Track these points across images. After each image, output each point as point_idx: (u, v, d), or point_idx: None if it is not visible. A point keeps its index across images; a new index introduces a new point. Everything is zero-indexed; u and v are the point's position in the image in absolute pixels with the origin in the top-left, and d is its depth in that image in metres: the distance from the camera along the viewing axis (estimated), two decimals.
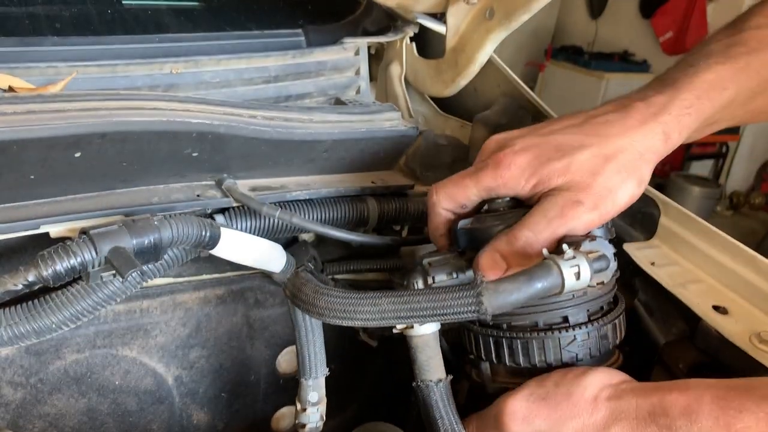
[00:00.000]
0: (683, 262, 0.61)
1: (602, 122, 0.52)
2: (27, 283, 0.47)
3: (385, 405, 0.84)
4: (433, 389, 0.51)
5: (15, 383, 0.60)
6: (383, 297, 0.47)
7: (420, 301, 0.45)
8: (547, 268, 0.43)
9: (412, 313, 0.46)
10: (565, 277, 0.43)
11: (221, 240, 0.56)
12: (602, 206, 0.49)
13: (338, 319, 0.48)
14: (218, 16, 0.89)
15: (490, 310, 0.43)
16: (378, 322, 0.47)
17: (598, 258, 0.45)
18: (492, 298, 0.43)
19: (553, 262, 0.44)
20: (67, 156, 0.50)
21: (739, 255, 0.57)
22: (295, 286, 0.53)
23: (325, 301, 0.49)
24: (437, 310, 0.45)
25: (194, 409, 0.71)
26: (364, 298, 0.47)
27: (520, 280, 0.43)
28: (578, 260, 0.44)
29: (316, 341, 0.58)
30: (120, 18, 0.82)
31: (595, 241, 0.47)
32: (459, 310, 0.44)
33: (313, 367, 0.58)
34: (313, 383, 0.59)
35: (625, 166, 0.49)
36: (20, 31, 0.73)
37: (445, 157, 0.75)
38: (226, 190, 0.61)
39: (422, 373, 0.52)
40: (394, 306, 0.46)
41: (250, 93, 0.81)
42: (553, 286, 0.43)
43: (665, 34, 3.82)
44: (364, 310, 0.47)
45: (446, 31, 0.80)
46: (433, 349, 0.52)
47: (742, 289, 0.57)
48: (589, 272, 0.44)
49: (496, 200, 0.53)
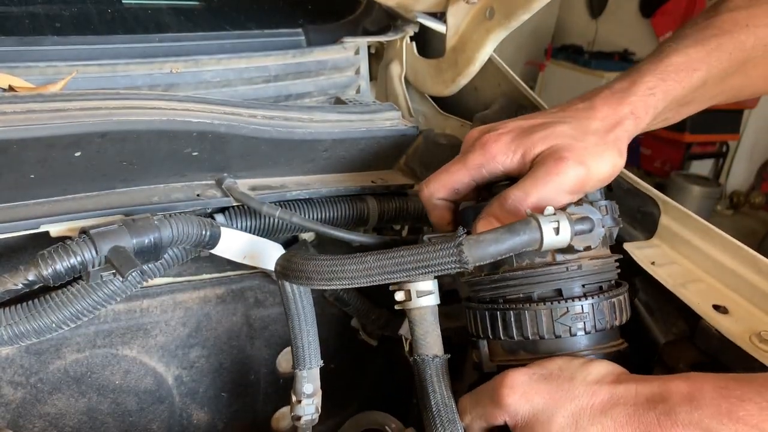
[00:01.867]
0: (683, 261, 0.61)
1: (573, 110, 0.55)
2: (27, 282, 0.47)
3: (385, 404, 0.84)
4: (428, 363, 0.52)
5: (15, 383, 0.60)
6: (369, 255, 0.48)
7: (404, 256, 0.46)
8: (526, 222, 0.45)
9: (397, 267, 0.47)
10: (544, 231, 0.45)
11: (221, 239, 0.56)
12: (587, 162, 0.50)
13: (326, 281, 0.49)
14: (218, 15, 0.89)
15: (471, 261, 0.44)
16: (364, 279, 0.48)
17: (581, 219, 0.47)
18: (473, 249, 0.44)
19: (533, 217, 0.45)
20: (67, 155, 0.50)
21: (739, 255, 0.57)
22: (285, 260, 0.53)
23: (313, 265, 0.49)
24: (421, 263, 0.46)
25: (194, 408, 0.71)
26: (350, 258, 0.48)
27: (500, 232, 0.45)
28: (558, 217, 0.46)
29: (309, 330, 0.58)
30: (120, 17, 0.82)
31: (582, 206, 0.49)
32: (442, 262, 0.45)
33: (307, 358, 0.58)
34: (308, 374, 0.58)
35: (602, 137, 0.51)
36: (20, 31, 0.73)
37: (445, 157, 0.75)
38: (226, 189, 0.61)
39: (419, 347, 0.52)
40: (380, 263, 0.47)
41: (250, 92, 0.81)
42: (532, 240, 0.45)
43: (665, 34, 3.82)
44: (351, 269, 0.47)
45: (446, 31, 0.80)
46: (430, 323, 0.53)
47: (742, 289, 0.57)
48: (569, 230, 0.45)
49: (497, 184, 0.54)
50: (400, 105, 0.90)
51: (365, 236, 0.65)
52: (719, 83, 0.59)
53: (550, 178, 0.49)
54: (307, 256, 0.51)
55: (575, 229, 0.46)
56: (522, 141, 0.52)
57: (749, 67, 0.60)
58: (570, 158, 0.49)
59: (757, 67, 0.61)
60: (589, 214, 0.48)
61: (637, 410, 0.43)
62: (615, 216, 0.53)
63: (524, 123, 0.54)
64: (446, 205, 0.57)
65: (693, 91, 0.56)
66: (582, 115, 0.53)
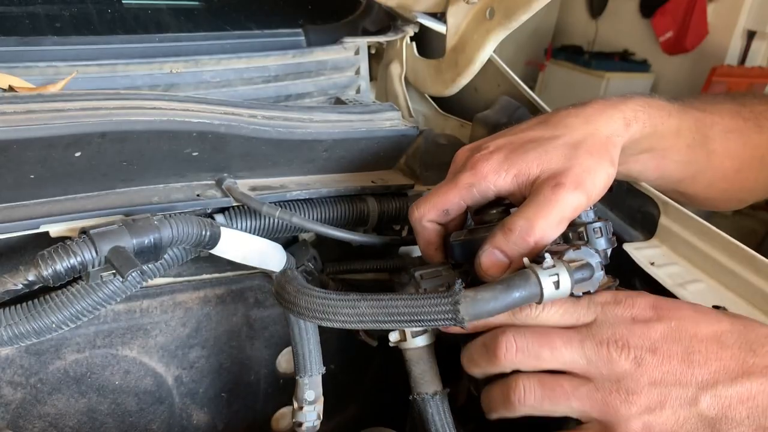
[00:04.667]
0: (683, 262, 0.61)
1: (564, 115, 0.53)
2: (27, 282, 0.47)
3: (384, 405, 0.84)
4: (428, 402, 0.51)
5: (15, 383, 0.60)
6: (362, 300, 0.46)
7: (398, 306, 0.45)
8: (525, 277, 0.43)
9: (390, 318, 0.45)
10: (544, 286, 0.43)
11: (221, 239, 0.56)
12: (584, 185, 0.48)
13: (317, 319, 0.48)
14: (218, 15, 0.89)
15: (467, 318, 0.43)
16: (356, 324, 0.47)
17: (581, 267, 0.45)
18: (469, 306, 0.42)
19: (531, 270, 0.43)
20: (67, 155, 0.50)
21: (739, 255, 0.57)
22: (279, 284, 0.53)
23: (306, 300, 0.48)
24: (414, 316, 0.44)
25: (194, 409, 0.71)
26: (344, 300, 0.47)
27: (498, 289, 0.43)
28: (558, 269, 0.43)
29: (310, 338, 0.58)
30: (120, 17, 0.82)
31: (580, 249, 0.46)
32: (436, 317, 0.43)
33: (308, 365, 0.58)
34: (310, 381, 0.58)
35: (595, 149, 0.50)
36: (20, 31, 0.73)
37: (445, 157, 0.75)
38: (226, 189, 0.61)
39: (418, 386, 0.52)
40: (372, 309, 0.46)
41: (250, 92, 0.81)
42: (532, 296, 0.43)
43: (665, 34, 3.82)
44: (343, 312, 0.46)
45: (446, 31, 0.80)
46: (428, 362, 0.52)
47: (742, 289, 0.57)
48: (569, 282, 0.43)
49: (489, 212, 0.52)
50: (400, 105, 0.90)
51: (365, 236, 0.65)
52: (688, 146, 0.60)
53: (552, 206, 0.47)
54: (300, 287, 0.50)
55: (575, 278, 0.44)
56: (514, 161, 0.50)
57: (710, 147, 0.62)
58: (566, 184, 0.48)
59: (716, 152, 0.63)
60: (588, 258, 0.46)
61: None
62: (609, 237, 0.51)
63: (514, 139, 0.53)
64: (435, 228, 0.55)
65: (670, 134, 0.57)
66: (575, 122, 0.52)
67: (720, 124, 0.63)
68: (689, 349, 0.43)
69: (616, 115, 0.53)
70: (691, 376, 0.42)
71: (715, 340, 0.43)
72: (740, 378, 0.41)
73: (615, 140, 0.52)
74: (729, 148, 0.63)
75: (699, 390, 0.42)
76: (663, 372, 0.42)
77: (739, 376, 0.41)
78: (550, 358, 0.46)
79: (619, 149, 0.52)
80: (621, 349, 0.43)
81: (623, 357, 0.43)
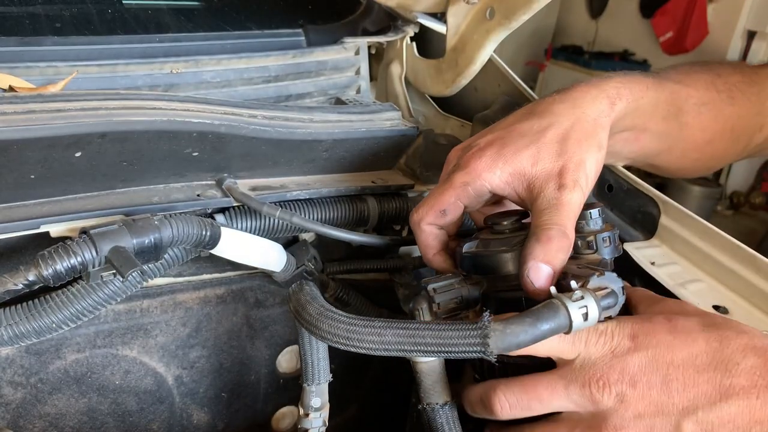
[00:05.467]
0: (683, 261, 0.61)
1: (550, 102, 0.54)
2: (27, 282, 0.47)
3: (384, 405, 0.84)
4: (438, 412, 0.51)
5: (15, 383, 0.60)
6: (388, 328, 0.46)
7: (425, 336, 0.44)
8: (554, 310, 0.42)
9: (416, 348, 0.45)
10: (573, 318, 0.42)
11: (221, 239, 0.56)
12: (580, 181, 0.49)
13: (340, 345, 0.48)
14: (218, 15, 0.89)
15: (496, 352, 0.42)
16: (381, 352, 0.46)
17: (607, 295, 0.44)
18: (498, 339, 0.42)
19: (560, 302, 0.43)
20: (67, 156, 0.50)
21: (739, 255, 0.57)
22: (299, 303, 0.52)
23: (329, 325, 0.48)
24: (441, 347, 0.44)
25: (194, 409, 0.71)
26: (369, 327, 0.46)
27: (527, 322, 0.42)
28: (586, 300, 0.43)
29: (319, 347, 0.57)
30: (120, 17, 0.82)
31: (604, 276, 0.45)
32: (464, 349, 0.43)
33: (316, 374, 0.58)
34: (317, 389, 0.58)
35: (583, 136, 0.51)
36: (20, 31, 0.73)
37: (445, 157, 0.75)
38: (226, 189, 0.61)
39: (428, 396, 0.51)
40: (399, 338, 0.45)
41: (251, 93, 0.81)
42: (561, 327, 0.43)
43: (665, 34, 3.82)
44: (368, 339, 0.46)
45: (446, 31, 0.80)
46: (439, 374, 0.52)
47: (742, 289, 0.57)
48: (597, 312, 0.43)
49: (501, 223, 0.52)
50: (400, 105, 0.90)
51: (365, 236, 0.65)
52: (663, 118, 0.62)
53: (568, 208, 0.48)
54: (323, 310, 0.50)
55: (602, 306, 0.44)
56: (508, 158, 0.51)
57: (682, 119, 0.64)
58: (568, 184, 0.49)
59: (689, 125, 0.65)
60: (613, 285, 0.45)
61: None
62: (617, 245, 0.51)
63: (504, 134, 0.53)
64: (434, 232, 0.55)
65: (649, 108, 0.59)
66: (560, 108, 0.53)
67: (694, 97, 0.65)
68: (667, 378, 0.44)
69: (601, 96, 0.54)
70: (672, 405, 0.43)
71: (690, 365, 0.44)
72: (718, 402, 0.42)
73: (602, 121, 0.53)
74: (702, 121, 0.66)
75: (680, 417, 0.43)
76: (645, 404, 0.44)
77: (717, 400, 0.42)
78: (541, 408, 0.47)
79: (606, 130, 0.53)
80: (602, 388, 0.44)
81: (606, 395, 0.44)
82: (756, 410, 0.41)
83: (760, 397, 0.41)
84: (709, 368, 0.43)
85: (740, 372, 0.42)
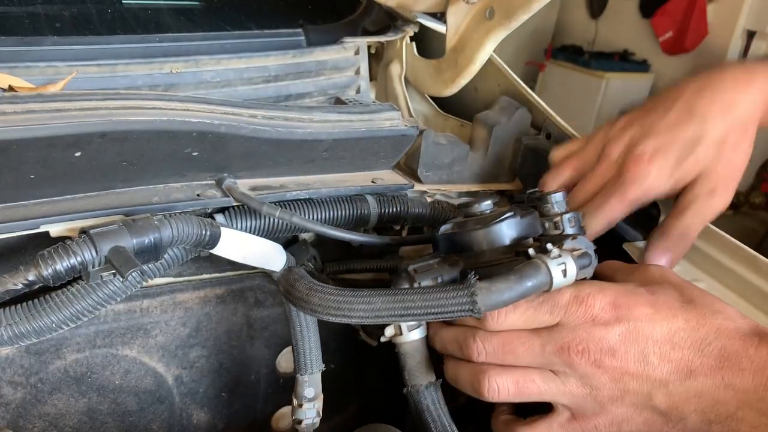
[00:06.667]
0: (683, 261, 0.61)
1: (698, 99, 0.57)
2: (27, 282, 0.47)
3: (385, 405, 0.84)
4: (423, 393, 0.52)
5: (15, 383, 0.60)
6: (377, 296, 0.47)
7: (414, 300, 0.46)
8: (536, 267, 0.45)
9: (406, 311, 0.46)
10: (553, 274, 0.45)
11: (221, 239, 0.56)
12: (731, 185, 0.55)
13: (332, 316, 0.49)
14: (218, 15, 0.89)
15: (483, 309, 0.44)
16: (372, 320, 0.47)
17: (582, 255, 0.48)
18: (485, 297, 0.44)
19: (541, 260, 0.46)
20: (67, 156, 0.50)
21: (739, 255, 0.57)
22: (288, 282, 0.53)
23: (319, 297, 0.49)
24: (431, 309, 0.45)
25: (194, 408, 0.71)
26: (359, 296, 0.47)
27: (512, 280, 0.44)
28: (564, 258, 0.46)
29: (311, 337, 0.58)
30: (120, 17, 0.82)
31: (577, 239, 0.49)
32: (453, 309, 0.45)
33: (308, 363, 0.58)
34: (309, 379, 0.59)
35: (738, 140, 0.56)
36: (20, 31, 0.73)
37: (445, 157, 0.75)
38: (226, 189, 0.61)
39: (412, 378, 0.52)
40: (389, 305, 0.46)
41: (250, 92, 0.81)
42: (543, 284, 0.45)
43: (665, 34, 3.82)
44: (359, 308, 0.47)
45: (446, 31, 0.80)
46: (423, 354, 0.53)
47: (742, 289, 0.57)
48: (575, 269, 0.46)
49: (474, 205, 0.54)
50: (400, 105, 0.90)
51: (365, 236, 0.65)
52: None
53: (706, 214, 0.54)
54: (312, 284, 0.51)
55: (579, 265, 0.47)
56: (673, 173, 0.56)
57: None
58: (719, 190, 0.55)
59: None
60: (587, 248, 0.49)
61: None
62: (581, 227, 0.54)
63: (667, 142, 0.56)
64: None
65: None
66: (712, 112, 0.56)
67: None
68: (645, 351, 0.46)
69: (752, 91, 0.56)
70: (647, 376, 0.46)
71: (668, 341, 0.46)
72: (688, 378, 0.45)
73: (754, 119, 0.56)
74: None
75: (653, 387, 0.46)
76: (622, 372, 0.46)
77: (687, 376, 0.45)
78: (514, 361, 0.49)
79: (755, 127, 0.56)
80: (581, 353, 0.46)
81: (583, 360, 0.46)
82: (720, 390, 0.44)
83: (724, 379, 0.44)
84: (684, 346, 0.45)
85: (710, 353, 0.45)
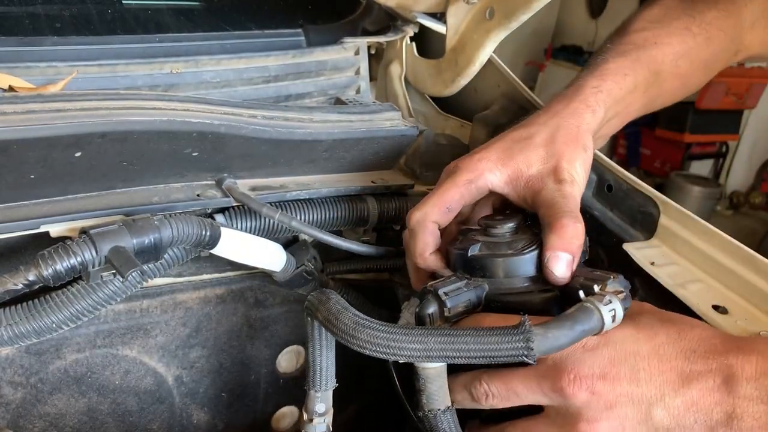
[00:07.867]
0: (683, 261, 0.61)
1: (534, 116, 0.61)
2: (27, 282, 0.47)
3: (384, 405, 0.84)
4: (440, 418, 0.51)
5: (15, 383, 0.60)
6: (430, 335, 0.46)
7: (468, 342, 0.45)
8: (588, 313, 0.45)
9: (459, 353, 0.45)
10: (605, 320, 0.45)
11: (221, 239, 0.56)
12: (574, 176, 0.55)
13: (380, 354, 0.47)
14: (218, 15, 0.89)
15: (538, 355, 0.44)
16: (423, 359, 0.47)
17: (625, 298, 0.48)
18: (541, 343, 0.43)
19: (593, 305, 0.45)
20: (67, 156, 0.50)
21: (739, 255, 0.57)
22: (328, 311, 0.51)
23: (368, 334, 0.47)
24: (485, 353, 0.45)
25: (194, 409, 0.71)
26: (410, 335, 0.46)
27: (566, 326, 0.44)
28: (614, 304, 0.46)
29: (329, 355, 0.57)
30: (120, 18, 0.82)
31: (617, 279, 0.49)
32: (507, 354, 0.44)
33: (323, 380, 0.57)
34: (322, 395, 0.58)
35: (568, 138, 0.57)
36: (20, 31, 0.73)
37: (445, 157, 0.75)
38: (226, 189, 0.61)
39: (431, 402, 0.51)
40: (442, 345, 0.46)
41: (251, 93, 0.81)
42: (594, 329, 0.45)
43: None
44: (410, 347, 0.46)
45: (446, 31, 0.80)
46: (443, 378, 0.52)
47: (742, 289, 0.57)
48: (621, 313, 0.46)
49: (499, 226, 0.54)
50: (400, 105, 0.90)
51: (363, 246, 0.65)
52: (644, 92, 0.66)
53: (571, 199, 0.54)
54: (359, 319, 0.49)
55: (624, 308, 0.47)
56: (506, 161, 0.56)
57: (661, 79, 0.68)
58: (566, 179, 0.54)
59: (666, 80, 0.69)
60: (625, 288, 0.49)
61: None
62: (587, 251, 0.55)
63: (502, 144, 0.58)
64: (435, 231, 0.57)
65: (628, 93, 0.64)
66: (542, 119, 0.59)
67: (670, 54, 0.68)
68: (635, 368, 0.46)
69: (579, 107, 0.59)
70: (641, 394, 0.46)
71: (654, 355, 0.46)
72: (682, 387, 0.45)
73: (585, 127, 0.59)
74: (679, 72, 0.70)
75: (650, 405, 0.45)
76: (616, 395, 0.46)
77: (680, 386, 0.45)
78: (518, 401, 0.49)
79: (590, 134, 0.59)
80: (573, 382, 0.46)
81: (576, 389, 0.46)
82: (714, 393, 0.44)
83: (716, 381, 0.44)
84: (672, 357, 0.46)
85: (697, 359, 0.45)
